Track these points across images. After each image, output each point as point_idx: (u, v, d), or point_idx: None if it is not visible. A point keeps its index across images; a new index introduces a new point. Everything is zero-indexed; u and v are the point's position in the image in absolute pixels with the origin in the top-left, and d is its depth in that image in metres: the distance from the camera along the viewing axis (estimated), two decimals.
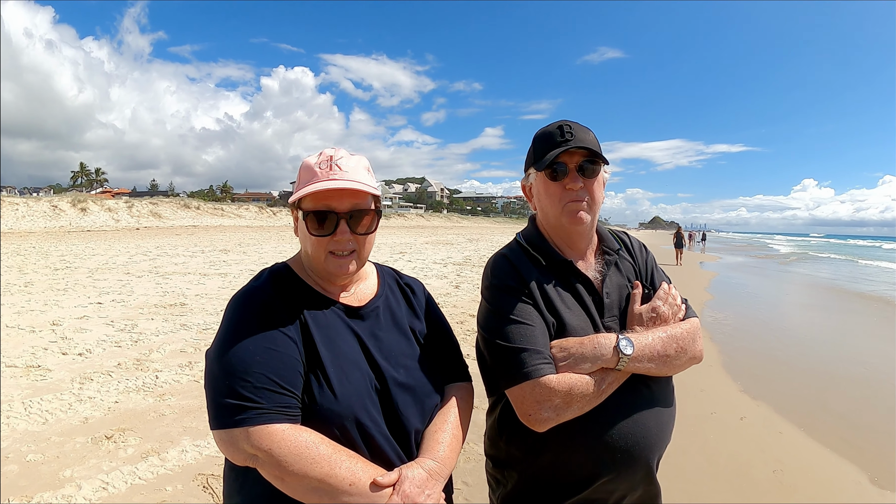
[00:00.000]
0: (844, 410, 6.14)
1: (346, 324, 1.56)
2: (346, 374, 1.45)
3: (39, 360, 6.96)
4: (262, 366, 1.37)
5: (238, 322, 1.45)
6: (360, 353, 1.53)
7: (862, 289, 19.77)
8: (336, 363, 1.46)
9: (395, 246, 33.78)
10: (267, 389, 1.35)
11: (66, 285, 13.34)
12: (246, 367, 1.37)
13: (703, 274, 23.99)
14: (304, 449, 1.32)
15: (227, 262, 20.79)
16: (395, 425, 1.49)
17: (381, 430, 1.45)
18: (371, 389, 1.48)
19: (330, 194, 1.49)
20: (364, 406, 1.44)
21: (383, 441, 1.45)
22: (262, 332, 1.42)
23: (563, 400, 1.53)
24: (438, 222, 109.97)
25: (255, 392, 1.34)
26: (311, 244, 1.53)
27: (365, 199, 1.55)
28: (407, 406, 1.52)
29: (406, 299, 1.75)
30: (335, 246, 1.51)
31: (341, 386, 1.43)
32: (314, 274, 1.60)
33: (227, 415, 1.34)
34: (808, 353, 9.11)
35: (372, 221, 1.57)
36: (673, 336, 1.66)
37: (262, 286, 1.53)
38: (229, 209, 67.35)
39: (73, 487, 3.92)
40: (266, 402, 1.34)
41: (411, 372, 1.58)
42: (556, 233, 1.77)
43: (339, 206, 1.50)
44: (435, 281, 15.85)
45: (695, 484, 4.28)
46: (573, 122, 1.73)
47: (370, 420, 1.44)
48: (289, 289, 1.55)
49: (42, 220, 41.07)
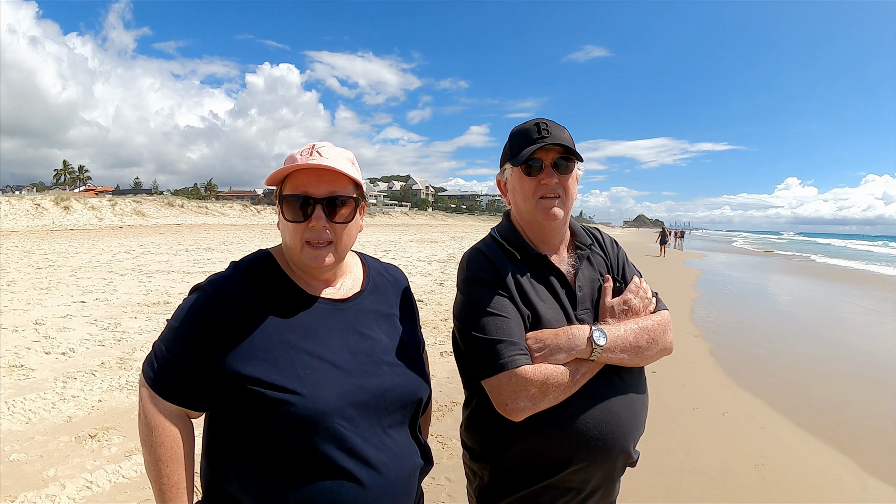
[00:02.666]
0: (827, 405, 6.24)
1: (324, 320, 1.50)
2: (320, 375, 1.41)
3: (22, 360, 6.92)
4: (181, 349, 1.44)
5: (195, 303, 1.46)
6: (341, 351, 1.47)
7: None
8: (311, 364, 1.41)
9: (380, 244, 33.74)
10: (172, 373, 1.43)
11: (48, 284, 13.23)
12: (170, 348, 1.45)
13: (682, 265, 24.23)
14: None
15: (212, 260, 20.68)
16: (377, 427, 1.45)
17: (361, 433, 1.41)
18: (352, 389, 1.43)
19: (307, 180, 1.45)
20: (341, 408, 1.39)
21: (363, 445, 1.41)
22: (204, 321, 1.43)
23: (539, 390, 1.57)
24: (423, 220, 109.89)
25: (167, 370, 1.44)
26: (287, 232, 1.49)
27: (345, 187, 1.49)
28: (391, 404, 1.49)
29: (391, 293, 1.71)
30: (311, 234, 1.45)
31: (315, 387, 1.38)
32: (294, 266, 1.55)
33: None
34: (790, 347, 9.22)
35: (351, 211, 1.51)
36: (644, 328, 1.71)
37: (235, 277, 1.50)
38: (213, 207, 66.93)
39: (57, 487, 3.91)
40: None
41: (396, 369, 1.53)
42: (530, 227, 1.81)
43: (315, 191, 1.45)
44: (419, 279, 15.94)
45: (677, 480, 4.32)
46: (549, 120, 1.77)
47: (348, 422, 1.39)
48: (267, 282, 1.50)
49: (25, 219, 40.63)
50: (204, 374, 1.40)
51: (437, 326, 9.49)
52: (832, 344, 9.75)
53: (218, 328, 1.40)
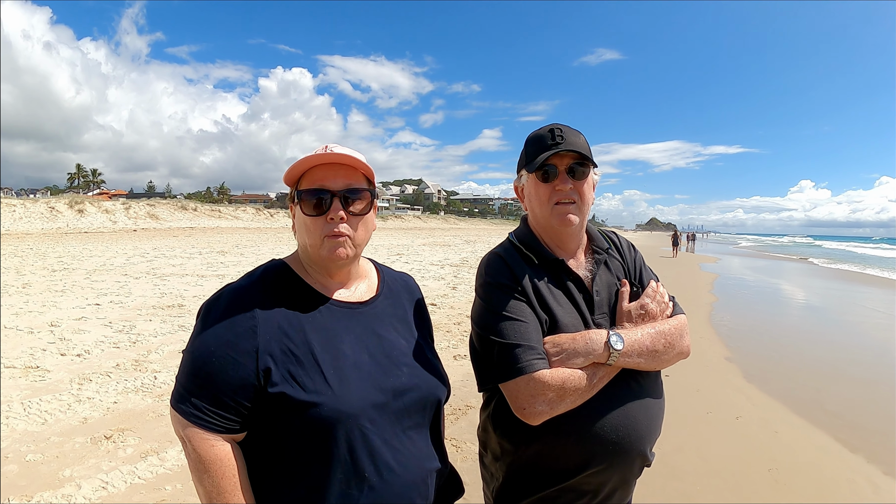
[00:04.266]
0: (840, 408, 6.18)
1: (343, 322, 1.51)
2: (345, 376, 1.41)
3: (38, 361, 6.98)
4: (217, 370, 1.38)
5: (213, 324, 1.42)
6: (361, 352, 1.48)
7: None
8: (335, 365, 1.41)
9: (393, 247, 33.79)
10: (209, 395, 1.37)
11: (63, 287, 13.35)
12: (200, 369, 1.39)
13: (694, 264, 24.13)
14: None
15: (225, 263, 20.79)
16: (397, 428, 1.45)
17: (381, 435, 1.41)
18: (373, 391, 1.43)
19: (324, 174, 1.48)
20: (365, 409, 1.39)
21: (382, 446, 1.40)
22: (232, 342, 1.39)
23: (557, 394, 1.58)
24: (435, 224, 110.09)
25: (199, 395, 1.37)
26: (306, 228, 1.49)
27: (360, 180, 1.53)
28: (411, 406, 1.49)
29: (405, 299, 1.73)
30: (329, 228, 1.47)
31: (340, 388, 1.38)
32: (312, 267, 1.56)
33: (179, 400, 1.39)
34: (803, 351, 9.13)
35: (367, 204, 1.54)
36: (661, 332, 1.71)
37: (252, 286, 1.49)
38: (226, 211, 67.37)
39: (72, 487, 3.95)
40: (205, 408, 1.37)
41: (414, 370, 1.54)
42: (546, 233, 1.82)
43: (332, 184, 1.48)
44: (432, 282, 15.88)
45: (690, 483, 4.30)
46: (564, 126, 1.78)
47: (370, 423, 1.40)
48: (283, 287, 1.50)
49: (39, 222, 41.03)
50: (240, 395, 1.37)
51: (451, 330, 9.48)
52: (845, 347, 9.66)
53: (242, 345, 1.38)
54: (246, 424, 1.40)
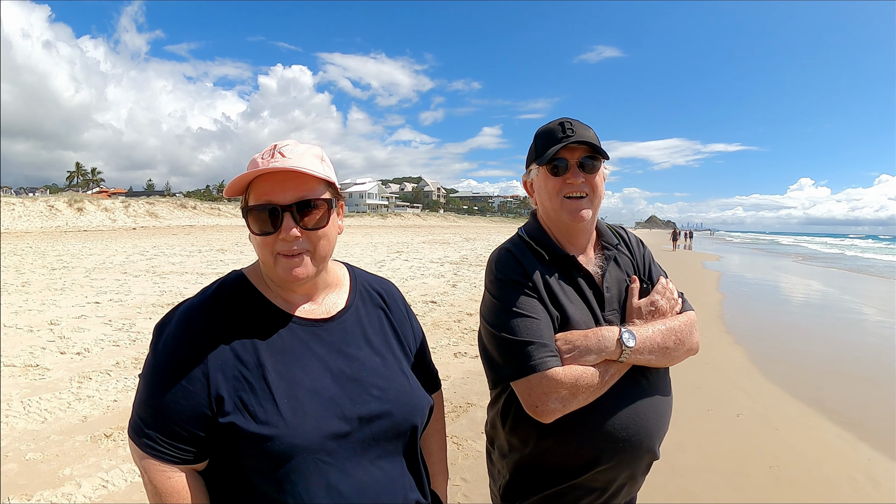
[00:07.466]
0: (842, 406, 6.17)
1: (305, 343, 1.37)
2: (299, 406, 1.28)
3: (38, 360, 6.97)
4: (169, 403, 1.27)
5: (163, 350, 1.31)
6: (323, 377, 1.34)
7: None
8: (290, 393, 1.28)
9: (392, 245, 33.81)
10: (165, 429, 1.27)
11: (63, 285, 13.35)
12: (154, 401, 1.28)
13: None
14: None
15: (225, 261, 20.76)
16: (363, 459, 1.33)
17: (342, 467, 1.29)
18: (333, 420, 1.30)
19: (271, 186, 1.31)
20: (321, 442, 1.27)
21: (342, 480, 1.29)
22: (182, 369, 1.28)
23: (570, 391, 1.57)
24: (435, 222, 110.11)
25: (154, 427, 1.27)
26: (258, 246, 1.35)
27: (313, 189, 1.33)
28: (381, 434, 1.36)
29: (381, 308, 1.57)
30: (282, 246, 1.31)
31: (294, 419, 1.26)
32: (272, 282, 1.42)
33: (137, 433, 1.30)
34: (805, 348, 9.14)
35: (324, 214, 1.35)
36: (671, 329, 1.70)
37: (205, 304, 1.36)
38: (226, 209, 67.43)
39: (72, 486, 3.93)
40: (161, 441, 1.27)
41: (386, 394, 1.39)
42: (556, 228, 1.80)
43: (281, 198, 1.30)
44: (432, 280, 15.92)
45: (691, 481, 4.30)
46: (574, 119, 1.76)
47: (328, 455, 1.27)
48: (240, 304, 1.37)
49: (38, 220, 41.05)
50: (193, 425, 1.26)
51: (451, 328, 9.47)
52: (847, 344, 9.64)
53: (192, 372, 1.27)
54: (203, 454, 1.29)
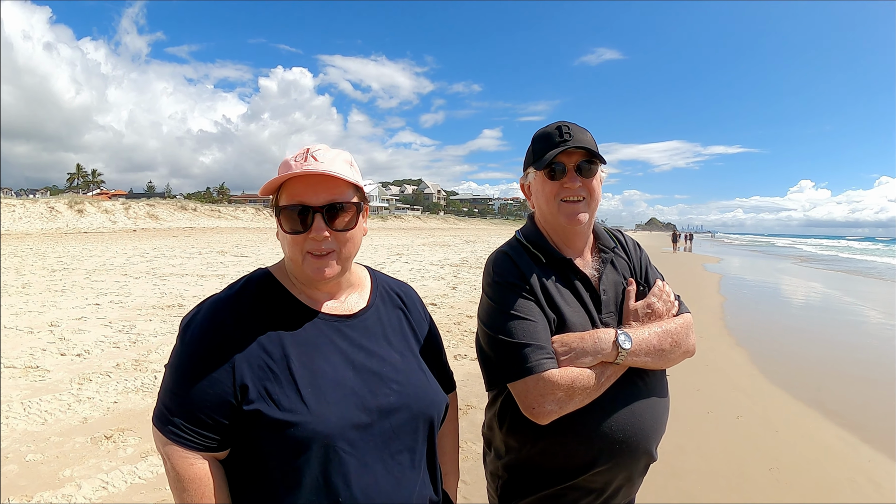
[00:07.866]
0: (842, 408, 6.18)
1: (328, 337, 1.43)
2: (323, 395, 1.33)
3: (38, 361, 6.98)
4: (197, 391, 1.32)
5: (191, 341, 1.36)
6: (345, 369, 1.39)
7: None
8: (313, 382, 1.33)
9: (392, 247, 33.83)
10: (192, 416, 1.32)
11: (63, 287, 13.36)
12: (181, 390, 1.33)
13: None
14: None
15: (225, 263, 20.81)
16: (384, 452, 1.38)
17: (362, 458, 1.33)
18: (355, 410, 1.35)
19: (304, 188, 1.37)
20: (343, 430, 1.31)
21: (361, 470, 1.33)
22: (209, 358, 1.33)
23: (566, 393, 1.58)
24: (435, 224, 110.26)
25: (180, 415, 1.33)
26: (287, 244, 1.41)
27: (343, 192, 1.41)
28: (400, 428, 1.41)
29: (400, 309, 1.63)
30: (311, 245, 1.38)
31: (317, 407, 1.30)
32: (297, 280, 1.47)
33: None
34: (807, 351, 9.14)
35: (353, 217, 1.43)
36: (668, 331, 1.71)
37: (232, 299, 1.42)
38: (226, 211, 67.45)
39: (72, 487, 3.94)
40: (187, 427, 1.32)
41: (405, 388, 1.45)
42: (554, 231, 1.81)
43: (313, 199, 1.37)
44: (432, 282, 15.94)
45: (691, 482, 4.30)
46: (571, 123, 1.77)
47: (349, 445, 1.32)
48: (266, 300, 1.43)
49: (39, 222, 41.05)
50: (218, 412, 1.31)
51: (451, 330, 9.48)
52: (847, 347, 9.64)
53: (219, 362, 1.32)
54: (226, 442, 1.34)
